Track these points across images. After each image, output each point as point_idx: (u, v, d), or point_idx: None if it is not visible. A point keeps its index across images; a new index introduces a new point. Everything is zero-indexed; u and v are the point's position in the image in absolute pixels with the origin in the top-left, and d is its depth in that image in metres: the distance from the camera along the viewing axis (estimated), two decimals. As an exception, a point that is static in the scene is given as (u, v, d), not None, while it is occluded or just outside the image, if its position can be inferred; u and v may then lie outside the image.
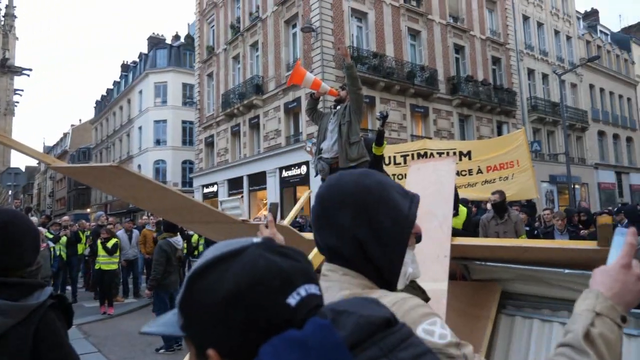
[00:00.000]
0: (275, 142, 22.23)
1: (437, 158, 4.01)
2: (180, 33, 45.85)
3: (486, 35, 27.01)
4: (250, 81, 23.67)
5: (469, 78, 24.79)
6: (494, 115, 26.27)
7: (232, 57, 25.89)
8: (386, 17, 21.91)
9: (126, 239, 12.08)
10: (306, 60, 20.44)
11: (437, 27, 24.11)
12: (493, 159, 8.52)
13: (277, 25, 22.43)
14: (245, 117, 24.38)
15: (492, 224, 7.11)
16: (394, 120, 21.37)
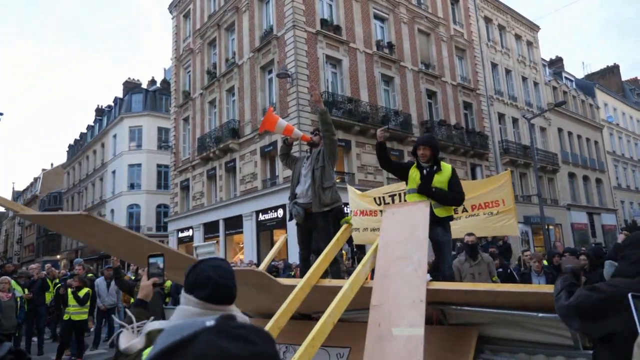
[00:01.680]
0: (251, 186, 22.19)
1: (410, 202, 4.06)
2: (156, 78, 46.26)
3: (457, 81, 27.95)
4: (226, 125, 23.81)
5: (442, 122, 25.44)
6: (467, 158, 26.86)
7: (208, 102, 26.10)
8: (360, 64, 22.55)
9: (104, 287, 11.76)
10: (282, 105, 20.74)
11: (410, 73, 24.89)
12: (477, 197, 8.65)
13: (253, 71, 22.84)
14: (222, 160, 24.38)
15: (466, 267, 7.18)
16: (369, 163, 21.64)
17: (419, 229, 3.61)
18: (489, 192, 8.52)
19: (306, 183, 5.02)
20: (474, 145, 26.94)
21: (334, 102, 20.62)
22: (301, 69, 20.31)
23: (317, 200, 4.87)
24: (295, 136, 5.24)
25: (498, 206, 8.37)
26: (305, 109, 19.79)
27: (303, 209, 4.97)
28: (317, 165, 5.01)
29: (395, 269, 3.41)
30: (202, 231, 25.32)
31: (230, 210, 23.03)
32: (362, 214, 8.65)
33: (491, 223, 8.33)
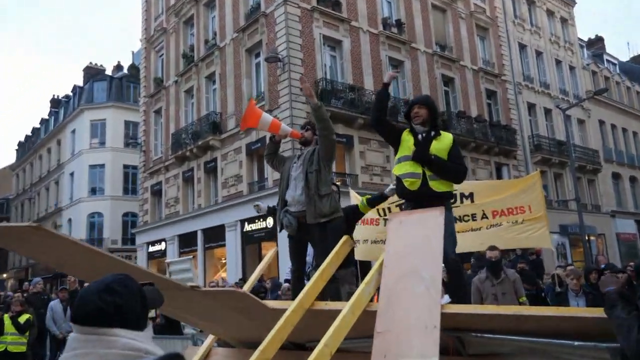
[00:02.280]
0: (235, 190, 22.20)
1: (422, 210, 4.07)
2: (122, 63, 46.32)
3: (478, 65, 28.06)
4: (205, 119, 23.83)
5: (461, 114, 25.52)
6: (491, 156, 26.94)
7: (184, 91, 26.12)
8: (363, 46, 22.61)
9: (60, 310, 11.65)
10: (271, 94, 20.77)
11: (422, 56, 24.96)
12: (499, 201, 8.65)
13: (238, 55, 22.87)
14: (200, 160, 24.39)
15: (487, 286, 7.19)
16: (375, 163, 21.69)
17: (432, 240, 3.61)
18: (514, 196, 8.53)
19: (297, 188, 5.03)
20: (500, 141, 27.03)
21: (333, 90, 20.68)
22: (294, 52, 20.35)
23: (312, 209, 4.87)
24: (283, 132, 5.26)
25: (523, 213, 8.38)
26: (299, 99, 19.82)
27: (295, 218, 4.98)
28: (310, 168, 5.02)
29: (404, 289, 3.41)
30: (176, 244, 25.30)
31: (210, 220, 23.03)
32: (363, 223, 8.66)
33: (515, 233, 8.34)
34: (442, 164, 4.52)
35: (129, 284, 1.70)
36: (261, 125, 5.23)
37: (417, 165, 4.54)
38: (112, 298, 1.62)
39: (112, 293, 1.63)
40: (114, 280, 1.69)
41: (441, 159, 4.54)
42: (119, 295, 1.63)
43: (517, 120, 29.40)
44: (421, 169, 4.52)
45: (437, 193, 4.48)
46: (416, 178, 4.53)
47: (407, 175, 4.58)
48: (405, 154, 4.64)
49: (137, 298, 1.67)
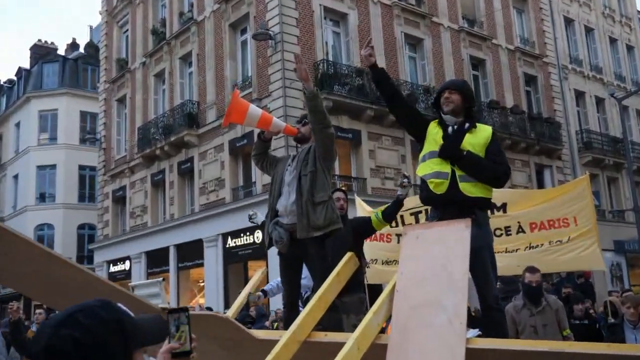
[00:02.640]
0: (216, 197, 22.19)
1: (443, 222, 4.07)
2: (78, 40, 46.39)
3: (515, 44, 28.11)
4: (180, 109, 23.85)
5: (494, 104, 25.54)
6: (530, 156, 26.97)
7: (153, 75, 26.15)
8: (374, 20, 22.66)
9: (2, 346, 11.60)
10: (261, 80, 20.79)
11: (446, 33, 25.01)
12: (538, 212, 8.64)
13: (220, 31, 22.91)
14: (173, 160, 24.40)
15: (524, 315, 7.17)
16: (388, 163, 21.69)
17: (455, 261, 3.61)
18: (557, 205, 8.53)
19: (290, 196, 5.03)
20: (541, 138, 27.05)
21: (337, 75, 20.69)
22: (289, 27, 20.38)
23: (304, 220, 4.86)
24: (275, 128, 5.26)
25: (568, 226, 8.37)
26: (295, 86, 19.82)
27: (287, 232, 4.97)
28: (305, 169, 5.01)
29: (421, 320, 3.41)
30: (143, 263, 25.29)
31: (185, 233, 23.02)
32: (371, 239, 8.66)
33: (559, 253, 8.32)
34: (476, 160, 4.45)
35: (103, 313, 1.57)
36: (248, 120, 5.22)
37: (446, 163, 4.49)
38: (70, 332, 1.50)
39: (72, 325, 1.51)
40: (84, 308, 1.56)
41: (476, 155, 4.48)
42: (81, 329, 1.50)
43: (562, 112, 29.42)
44: (450, 168, 4.46)
45: (469, 198, 4.40)
46: (443, 179, 4.46)
47: (432, 175, 4.51)
48: (432, 149, 4.58)
49: (111, 332, 1.54)
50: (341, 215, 6.09)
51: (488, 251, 4.49)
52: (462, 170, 4.44)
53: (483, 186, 4.50)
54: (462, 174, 4.44)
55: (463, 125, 4.63)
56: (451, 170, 4.45)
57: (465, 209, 4.31)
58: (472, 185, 4.44)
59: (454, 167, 4.46)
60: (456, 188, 4.41)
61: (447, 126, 4.66)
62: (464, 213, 4.21)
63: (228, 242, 21.56)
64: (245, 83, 21.73)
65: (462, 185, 4.42)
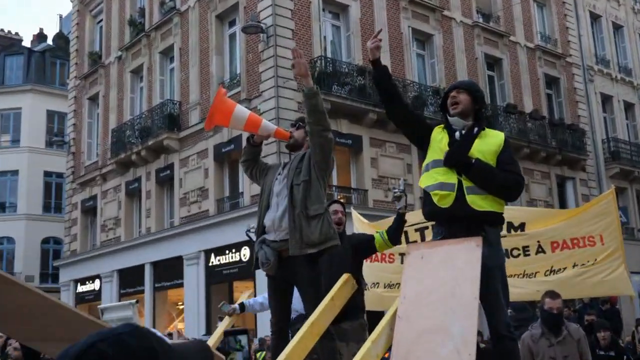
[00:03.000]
0: (199, 209, 22.16)
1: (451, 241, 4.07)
2: (46, 31, 46.39)
3: (535, 42, 28.24)
4: (159, 110, 23.86)
5: (511, 108, 25.58)
6: (551, 167, 27.01)
7: (130, 71, 26.18)
8: (378, 13, 22.74)
9: None
10: (250, 78, 20.81)
11: (459, 28, 25.09)
12: (561, 229, 8.64)
13: (205, 22, 22.94)
14: (151, 167, 24.38)
15: (543, 345, 7.15)
16: (392, 173, 21.68)
17: (465, 284, 3.61)
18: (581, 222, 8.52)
19: (280, 208, 5.01)
20: (563, 147, 27.11)
21: (336, 73, 20.73)
22: (283, 19, 20.42)
23: (297, 236, 4.85)
24: (264, 132, 5.26)
25: (594, 245, 8.37)
26: (289, 85, 19.88)
27: (276, 251, 4.96)
28: (297, 178, 5.01)
29: (425, 349, 3.40)
30: (115, 283, 25.22)
31: (163, 249, 22.98)
32: (371, 260, 8.63)
33: (582, 277, 8.31)
34: (487, 170, 4.42)
35: (132, 341, 1.40)
36: (234, 122, 5.22)
37: (452, 172, 4.44)
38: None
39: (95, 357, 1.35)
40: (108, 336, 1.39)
41: (486, 164, 4.44)
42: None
43: (587, 118, 29.50)
44: (456, 178, 4.41)
45: (478, 213, 4.34)
46: (449, 190, 4.41)
47: (436, 187, 4.46)
48: (436, 157, 4.55)
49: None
50: (339, 231, 6.08)
51: (500, 273, 4.45)
52: (470, 181, 4.41)
53: (494, 199, 4.45)
54: (471, 185, 4.40)
55: (472, 129, 4.60)
56: (458, 181, 4.41)
57: (474, 225, 4.29)
58: (481, 198, 4.40)
59: (461, 177, 4.42)
60: (463, 201, 4.36)
61: (453, 131, 4.63)
62: (472, 230, 4.20)
63: (211, 260, 21.51)
64: (233, 81, 21.74)
65: (471, 198, 4.37)
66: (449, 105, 4.70)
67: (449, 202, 4.39)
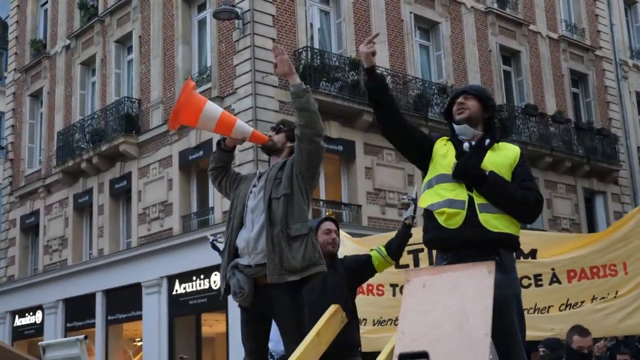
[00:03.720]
0: (161, 227, 22.10)
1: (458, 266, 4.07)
2: (-19, 15, 46.22)
3: (559, 32, 28.41)
4: (115, 109, 23.80)
5: (530, 109, 25.65)
6: (578, 179, 27.10)
7: (80, 63, 26.15)
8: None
9: None
10: (223, 72, 20.81)
11: (470, 16, 25.21)
12: (579, 256, 8.66)
13: (170, 6, 22.92)
14: (104, 177, 24.31)
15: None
16: (390, 186, 21.72)
17: (474, 317, 3.61)
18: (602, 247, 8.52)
19: (255, 226, 4.98)
20: (592, 155, 27.21)
21: (324, 68, 20.77)
22: (261, 3, 20.42)
23: (276, 260, 4.82)
24: (239, 134, 5.23)
25: (615, 275, 8.36)
26: (268, 81, 19.89)
27: (251, 278, 4.94)
28: (277, 191, 4.97)
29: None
30: (61, 315, 25.10)
31: (118, 275, 22.89)
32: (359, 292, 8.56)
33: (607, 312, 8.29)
34: (503, 184, 4.41)
35: None
36: (203, 122, 5.20)
37: (461, 187, 4.41)
38: None
39: None
40: None
41: (501, 178, 4.43)
42: None
43: (619, 122, 29.67)
44: (467, 194, 4.39)
45: (492, 235, 4.30)
46: (458, 208, 4.37)
47: (442, 204, 4.42)
48: (441, 172, 4.54)
49: None
50: (332, 253, 6.08)
51: (515, 304, 4.43)
52: (483, 198, 4.39)
53: (509, 219, 4.42)
54: (484, 203, 4.36)
55: (483, 140, 4.60)
56: (468, 198, 4.39)
57: (487, 250, 4.27)
58: (495, 218, 4.37)
59: (473, 193, 4.40)
60: (475, 221, 4.33)
61: (460, 142, 4.62)
62: (484, 255, 4.15)
63: (175, 288, 21.45)
64: (203, 76, 21.74)
65: (484, 217, 4.33)
66: (454, 112, 4.70)
67: (457, 222, 4.35)
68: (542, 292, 8.65)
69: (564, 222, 25.76)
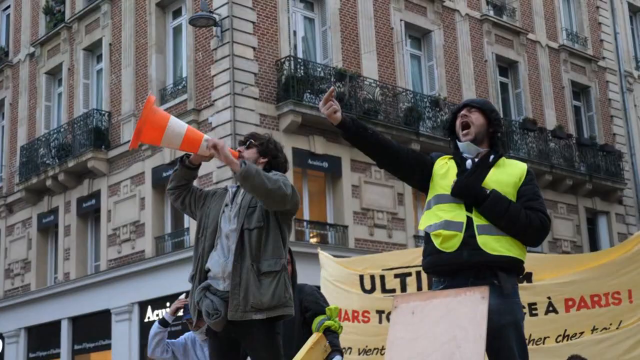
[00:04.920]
0: (132, 249, 22.00)
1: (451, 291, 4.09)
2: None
3: (559, 41, 28.55)
4: (83, 122, 23.71)
5: (529, 124, 25.72)
6: (579, 198, 27.17)
7: (46, 72, 26.09)
8: (362, 3, 22.85)
9: None
10: (201, 83, 20.79)
11: (464, 23, 25.31)
12: (578, 283, 8.64)
13: (143, 12, 22.89)
14: (71, 195, 24.21)
15: None
16: (379, 205, 21.69)
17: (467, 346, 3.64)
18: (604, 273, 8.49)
19: (231, 254, 4.95)
20: (594, 173, 27.28)
21: (308, 78, 20.82)
22: (241, 9, 20.42)
23: (240, 295, 4.77)
24: (206, 151, 5.17)
25: (619, 304, 8.33)
26: (249, 92, 19.86)
27: (225, 302, 4.91)
28: (250, 222, 4.89)
29: None
30: (23, 344, 24.93)
31: (85, 301, 22.77)
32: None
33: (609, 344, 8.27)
34: (505, 204, 4.39)
35: None
36: (167, 139, 5.12)
37: (460, 208, 4.41)
38: None
39: None
40: None
41: (504, 197, 4.41)
42: None
43: (624, 137, 29.78)
44: (465, 215, 4.38)
45: (491, 259, 4.28)
46: (455, 230, 4.36)
47: (439, 226, 4.41)
48: (440, 192, 4.52)
49: None
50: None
51: (514, 333, 4.35)
52: (483, 218, 4.38)
53: (512, 242, 4.41)
54: (484, 224, 4.35)
55: (487, 157, 4.60)
56: (467, 219, 4.38)
57: (485, 274, 4.24)
58: (496, 240, 4.35)
59: (472, 213, 4.40)
60: (473, 244, 4.31)
61: (463, 159, 4.62)
62: (481, 279, 4.15)
63: (147, 315, 21.35)
64: (178, 87, 21.73)
65: (483, 239, 4.32)
66: (458, 128, 4.69)
67: (454, 245, 4.33)
68: (537, 322, 8.60)
69: (565, 244, 25.81)
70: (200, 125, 20.00)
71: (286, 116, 19.88)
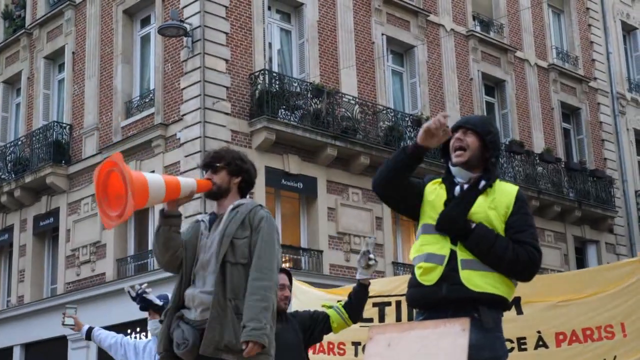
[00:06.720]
0: (92, 271, 21.88)
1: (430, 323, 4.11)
2: None
3: (549, 60, 28.76)
4: (42, 135, 23.59)
5: (516, 146, 25.81)
6: (568, 226, 27.27)
7: (3, 82, 26.06)
8: (342, 15, 22.95)
9: None
10: (169, 95, 20.75)
11: (449, 39, 25.44)
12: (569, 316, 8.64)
13: (109, 20, 22.84)
14: (27, 213, 24.09)
15: None
16: (357, 229, 21.68)
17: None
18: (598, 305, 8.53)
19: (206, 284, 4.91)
20: (584, 199, 27.41)
21: (283, 93, 20.81)
22: (214, 19, 20.45)
23: (216, 330, 4.76)
24: (187, 193, 5.08)
25: (612, 337, 8.37)
26: (220, 107, 19.82)
27: (197, 331, 4.90)
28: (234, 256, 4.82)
29: None
30: (-27, 371, 24.68)
31: (40, 327, 22.60)
32: (313, 351, 8.46)
33: None
34: (490, 239, 4.34)
35: None
36: (153, 197, 4.98)
37: (445, 240, 4.40)
38: None
39: None
40: None
41: (491, 231, 4.38)
42: None
43: (616, 162, 29.99)
44: (449, 248, 4.37)
45: (473, 295, 4.26)
46: (435, 263, 4.36)
47: (420, 259, 4.46)
48: (428, 222, 4.51)
49: None
50: (282, 310, 6.07)
51: None
52: (467, 252, 4.36)
53: (499, 278, 4.39)
54: (469, 258, 4.33)
55: (476, 184, 4.54)
56: (450, 252, 4.36)
57: (466, 309, 4.20)
58: (481, 276, 4.32)
59: (457, 247, 4.37)
60: (454, 278, 4.30)
61: (453, 185, 4.58)
62: (462, 313, 4.09)
63: (107, 342, 21.21)
64: (145, 100, 21.67)
65: (466, 274, 4.30)
66: (451, 150, 4.60)
67: (433, 279, 4.33)
68: (526, 357, 8.62)
69: (552, 273, 25.86)
70: (168, 141, 19.99)
71: (259, 133, 19.85)
